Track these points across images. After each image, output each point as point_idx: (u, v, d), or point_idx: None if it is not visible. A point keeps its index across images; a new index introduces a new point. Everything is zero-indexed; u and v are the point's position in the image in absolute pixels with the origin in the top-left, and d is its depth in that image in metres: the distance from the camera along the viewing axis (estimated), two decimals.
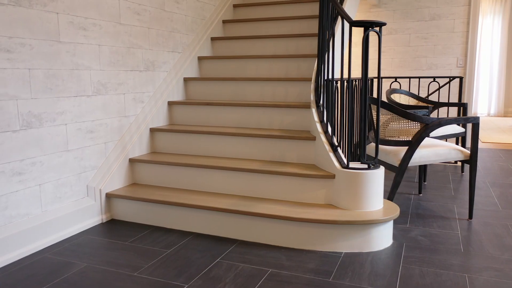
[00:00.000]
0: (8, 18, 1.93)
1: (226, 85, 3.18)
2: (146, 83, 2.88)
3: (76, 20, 2.29)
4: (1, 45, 1.90)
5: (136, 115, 2.80)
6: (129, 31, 2.68)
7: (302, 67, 3.16)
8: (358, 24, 2.10)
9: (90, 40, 2.39)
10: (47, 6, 2.11)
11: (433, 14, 4.99)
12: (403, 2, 5.09)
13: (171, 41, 3.12)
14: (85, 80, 2.37)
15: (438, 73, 5.04)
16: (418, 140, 2.42)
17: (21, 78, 2.00)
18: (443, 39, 5.00)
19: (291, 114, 2.78)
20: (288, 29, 3.59)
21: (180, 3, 3.20)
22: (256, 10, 3.87)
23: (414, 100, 4.06)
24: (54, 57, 2.17)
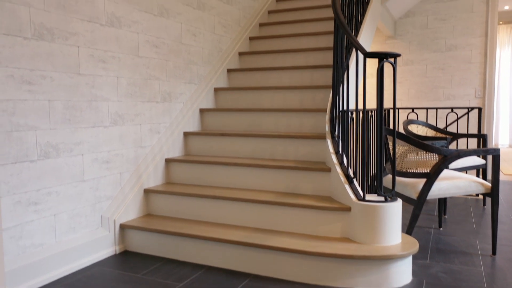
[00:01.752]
0: (31, 52, 1.99)
1: (242, 116, 3.20)
2: (163, 114, 2.91)
3: (96, 53, 2.35)
4: (23, 78, 1.96)
5: (152, 145, 2.82)
6: (147, 64, 2.75)
7: (317, 98, 3.16)
8: (372, 56, 2.10)
9: (109, 72, 2.45)
10: (69, 40, 2.19)
11: (450, 45, 4.99)
12: (418, 33, 5.12)
13: (187, 73, 3.17)
14: (103, 111, 2.41)
15: (456, 103, 4.99)
16: (436, 172, 2.36)
17: (41, 109, 2.05)
18: (460, 70, 4.97)
19: (306, 145, 2.76)
20: (303, 61, 3.62)
21: (197, 36, 3.27)
22: (271, 42, 3.93)
23: (432, 131, 4.01)
24: (74, 89, 2.22)
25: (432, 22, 5.04)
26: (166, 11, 2.91)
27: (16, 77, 1.93)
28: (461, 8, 4.90)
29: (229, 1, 3.70)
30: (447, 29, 4.99)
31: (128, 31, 2.57)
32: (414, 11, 5.11)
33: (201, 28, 3.31)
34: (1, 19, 1.86)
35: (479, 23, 4.85)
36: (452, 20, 4.96)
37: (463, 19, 4.91)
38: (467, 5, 4.88)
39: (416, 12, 5.11)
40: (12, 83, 1.91)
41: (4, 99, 1.89)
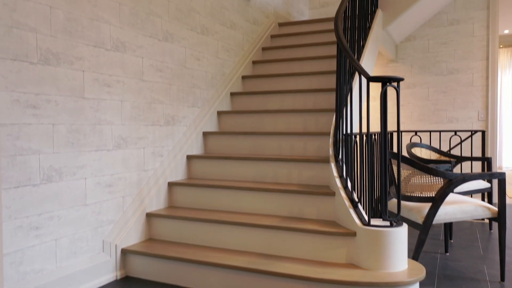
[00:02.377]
0: (37, 76, 2.01)
1: (245, 139, 3.20)
2: (166, 137, 2.92)
3: (101, 77, 2.37)
4: (28, 102, 1.97)
5: (155, 169, 2.81)
6: (151, 87, 2.76)
7: (320, 121, 3.17)
8: (375, 80, 2.11)
9: (113, 96, 2.46)
10: (74, 64, 2.21)
11: (451, 69, 5.02)
12: (420, 57, 5.16)
13: (191, 97, 3.19)
14: (107, 135, 2.41)
15: (459, 126, 4.99)
16: (442, 196, 2.34)
17: (45, 133, 2.05)
18: (462, 93, 4.98)
19: (310, 169, 2.75)
20: (306, 84, 3.65)
21: (201, 60, 3.30)
22: (274, 66, 3.96)
23: (436, 154, 3.99)
24: (78, 113, 2.23)
25: (433, 46, 5.09)
26: (170, 36, 2.95)
27: (21, 101, 1.94)
28: (462, 33, 4.96)
29: (232, 26, 3.75)
30: (448, 53, 5.03)
31: (132, 55, 2.60)
32: (415, 35, 5.17)
33: (204, 53, 3.35)
34: (9, 45, 1.89)
35: (480, 47, 4.90)
36: (453, 44, 5.01)
37: (464, 43, 4.96)
38: (468, 30, 4.93)
39: (417, 36, 5.17)
40: (17, 107, 1.92)
41: (9, 123, 1.89)
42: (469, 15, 4.92)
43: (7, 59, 1.88)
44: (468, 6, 4.92)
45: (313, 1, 5.61)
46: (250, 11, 4.09)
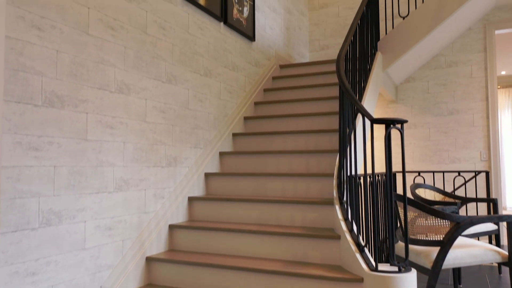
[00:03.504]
0: (41, 119, 2.01)
1: (247, 180, 3.17)
2: (168, 178, 2.89)
3: (104, 119, 2.38)
4: (30, 144, 1.96)
5: (156, 211, 2.76)
6: (154, 129, 2.77)
7: (323, 162, 3.15)
8: (379, 122, 2.10)
9: (116, 138, 2.46)
10: (78, 107, 2.22)
11: (451, 109, 5.06)
12: (420, 97, 5.21)
13: (193, 138, 3.19)
14: (108, 177, 2.39)
15: (461, 167, 4.96)
16: (450, 240, 2.28)
17: (46, 176, 2.03)
18: (463, 133, 4.99)
19: (314, 211, 2.70)
20: (307, 125, 3.66)
21: (203, 102, 3.33)
22: (276, 107, 3.99)
23: (440, 195, 3.94)
24: (80, 155, 2.22)
25: (433, 87, 5.16)
26: (174, 78, 2.98)
27: (23, 143, 1.93)
28: (461, 74, 5.04)
29: (235, 68, 3.81)
30: (447, 93, 5.09)
31: (136, 97, 2.62)
32: (414, 77, 5.25)
33: (207, 94, 3.38)
34: (14, 88, 1.90)
35: (479, 88, 4.96)
36: (452, 85, 5.07)
37: (463, 84, 5.03)
38: (466, 71, 5.01)
39: (416, 78, 5.24)
40: (19, 149, 1.91)
41: (10, 166, 1.87)
42: (466, 57, 5.02)
43: (11, 101, 1.89)
44: (465, 48, 5.03)
45: (313, 44, 5.75)
46: (252, 53, 4.17)
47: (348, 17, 5.55)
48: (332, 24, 5.65)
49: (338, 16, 5.61)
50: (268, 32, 4.53)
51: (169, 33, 2.95)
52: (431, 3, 4.11)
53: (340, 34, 5.60)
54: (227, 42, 3.71)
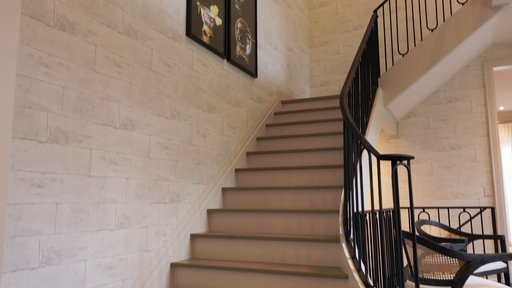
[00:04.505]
0: (44, 155, 1.99)
1: (250, 217, 3.12)
2: (170, 215, 2.84)
3: (108, 155, 2.36)
4: (33, 181, 1.93)
5: (158, 249, 2.70)
6: (157, 165, 2.74)
7: (327, 198, 3.11)
8: (386, 158, 2.09)
9: (119, 174, 2.43)
10: (83, 142, 2.20)
11: (453, 144, 5.07)
12: (421, 133, 5.23)
13: (196, 173, 3.16)
14: (110, 214, 2.34)
15: (465, 202, 4.91)
16: (461, 280, 2.21)
17: (47, 213, 1.99)
18: (466, 168, 4.98)
19: (319, 249, 2.64)
20: (310, 161, 3.64)
21: (206, 137, 3.33)
22: (278, 143, 3.99)
23: (446, 232, 3.87)
24: (83, 191, 2.18)
25: (433, 123, 5.19)
26: (178, 114, 2.99)
27: (26, 180, 1.91)
28: (460, 110, 5.08)
29: (237, 104, 3.84)
30: (448, 129, 5.11)
31: (140, 133, 2.62)
32: (415, 112, 5.29)
33: (210, 130, 3.38)
34: (19, 124, 1.89)
35: (479, 123, 4.99)
36: (452, 121, 5.10)
37: (463, 120, 5.06)
38: (466, 107, 5.06)
39: (416, 113, 5.28)
40: (22, 186, 1.88)
41: (12, 203, 1.84)
42: (466, 93, 5.08)
43: (16, 138, 1.88)
44: (464, 85, 5.09)
45: (313, 80, 5.83)
46: (255, 89, 4.21)
47: (347, 54, 5.66)
48: (332, 61, 5.74)
49: (338, 53, 5.72)
50: (270, 69, 4.60)
51: (173, 69, 2.99)
52: (429, 42, 4.20)
53: (340, 71, 5.69)
54: (230, 79, 3.75)
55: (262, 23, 4.48)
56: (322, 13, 5.87)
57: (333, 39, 5.77)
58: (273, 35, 4.72)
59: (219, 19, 3.59)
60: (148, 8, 2.78)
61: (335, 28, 5.77)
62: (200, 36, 3.29)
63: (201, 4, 3.33)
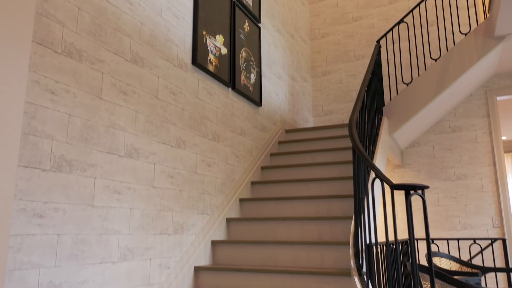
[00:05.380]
0: (47, 184, 1.93)
1: (256, 248, 3.02)
2: (174, 247, 2.74)
3: (112, 184, 2.29)
4: (35, 211, 1.86)
5: (161, 282, 2.58)
6: (161, 194, 2.67)
7: (335, 229, 3.01)
8: (400, 188, 2.02)
9: (123, 204, 2.35)
10: (87, 171, 2.14)
11: (459, 174, 5.00)
12: (426, 162, 5.17)
13: (201, 203, 3.08)
14: (113, 245, 2.25)
15: (474, 233, 4.80)
16: None
17: (48, 245, 1.90)
18: (473, 199, 4.89)
19: (330, 283, 2.53)
20: (317, 190, 3.56)
21: (211, 166, 3.26)
22: (283, 172, 3.92)
23: (457, 264, 3.75)
24: (85, 222, 2.10)
25: (438, 152, 5.14)
26: (183, 143, 2.94)
27: (28, 210, 1.83)
28: (465, 139, 5.04)
29: (242, 133, 3.80)
30: (454, 158, 5.06)
31: (145, 162, 2.56)
32: (419, 141, 5.26)
33: (215, 159, 3.33)
34: (23, 152, 1.84)
35: (485, 152, 4.94)
36: (458, 150, 5.06)
37: (468, 149, 5.01)
38: (471, 136, 5.02)
39: (421, 143, 5.24)
40: (23, 217, 1.81)
41: (12, 235, 1.75)
42: (470, 123, 5.06)
43: (19, 166, 1.82)
44: (468, 114, 5.08)
45: (316, 109, 5.82)
46: (259, 118, 4.18)
47: (350, 83, 5.68)
48: (334, 90, 5.76)
49: (341, 83, 5.74)
50: (274, 98, 4.59)
51: (179, 98, 2.96)
52: (433, 71, 4.21)
53: (343, 100, 5.69)
54: (234, 107, 3.73)
55: (266, 53, 4.51)
56: (324, 44, 5.93)
57: (335, 69, 5.80)
58: (277, 64, 4.75)
59: (224, 48, 3.60)
60: (155, 36, 2.78)
61: (338, 58, 5.81)
62: (206, 65, 3.29)
63: (207, 33, 3.35)
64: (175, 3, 3.03)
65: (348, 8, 5.87)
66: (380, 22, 5.65)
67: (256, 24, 4.26)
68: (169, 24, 2.94)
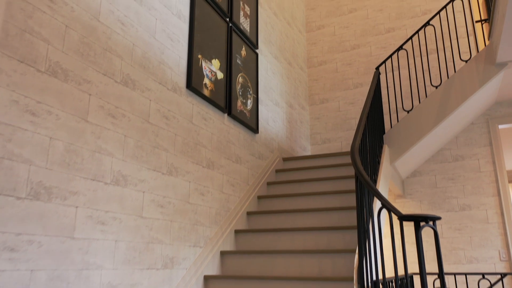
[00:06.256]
0: (22, 213, 1.75)
1: (253, 284, 2.80)
2: (163, 283, 2.52)
3: (96, 214, 2.11)
4: (6, 244, 1.67)
5: None
6: (150, 225, 2.48)
7: (338, 263, 2.81)
8: (409, 219, 1.85)
9: (107, 236, 2.16)
10: (67, 199, 1.96)
11: (463, 205, 4.83)
12: (428, 192, 5.01)
13: (193, 235, 2.88)
14: (94, 282, 2.04)
15: (480, 267, 4.57)
16: None
17: (19, 282, 1.70)
18: (478, 230, 4.70)
19: None
20: (316, 221, 3.38)
21: (205, 195, 3.08)
22: (280, 202, 3.74)
23: None
24: (63, 256, 1.91)
25: (441, 182, 4.98)
26: (175, 170, 2.78)
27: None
28: (468, 168, 4.90)
29: (238, 160, 3.64)
30: (457, 188, 4.90)
31: (133, 190, 2.38)
32: (421, 170, 5.11)
33: (209, 187, 3.15)
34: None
35: (489, 182, 4.79)
36: (460, 180, 4.90)
37: (472, 179, 4.86)
38: (474, 166, 4.88)
39: (422, 172, 5.09)
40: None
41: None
42: (472, 152, 4.93)
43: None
44: (470, 143, 4.96)
45: (314, 137, 5.69)
46: (256, 145, 4.03)
47: (349, 111, 5.57)
48: (332, 119, 5.65)
49: (339, 111, 5.63)
50: (271, 125, 4.46)
51: (172, 122, 2.82)
52: (434, 98, 4.11)
53: (341, 128, 5.57)
54: (230, 134, 3.58)
55: (264, 79, 4.41)
56: (322, 71, 5.87)
57: (333, 97, 5.71)
58: (274, 91, 4.64)
59: (220, 73, 3.49)
60: (148, 58, 2.66)
61: (336, 86, 5.74)
62: (201, 89, 3.16)
63: (202, 57, 3.24)
64: (170, 25, 2.94)
65: (346, 36, 5.85)
66: (378, 50, 5.61)
67: (253, 50, 4.18)
68: (163, 47, 2.83)
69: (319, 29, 6.05)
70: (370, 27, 5.72)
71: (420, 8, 5.49)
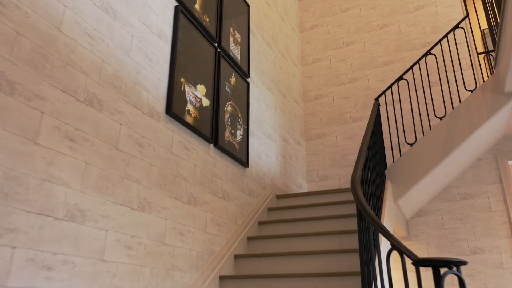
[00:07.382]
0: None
1: None
2: None
3: (40, 256, 1.71)
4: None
5: None
6: (113, 271, 2.07)
7: None
8: (427, 264, 1.47)
9: (54, 284, 1.75)
10: (2, 238, 1.58)
11: (474, 248, 4.40)
12: (435, 234, 4.59)
13: (168, 282, 2.46)
14: None
15: None
16: None
17: None
18: (493, 277, 4.24)
19: None
20: (313, 266, 2.95)
21: (184, 236, 2.68)
22: (273, 243, 3.33)
23: None
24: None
25: (448, 222, 4.57)
26: (148, 205, 2.40)
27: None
28: (478, 208, 4.51)
29: (225, 196, 3.26)
30: (466, 229, 4.49)
31: (93, 227, 1.99)
32: (426, 210, 4.71)
33: (190, 226, 2.76)
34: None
35: (501, 223, 4.39)
36: (470, 220, 4.50)
37: (482, 219, 4.46)
38: (484, 205, 4.50)
39: (428, 211, 4.70)
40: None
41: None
42: (481, 189, 4.56)
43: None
44: (478, 180, 4.60)
45: (311, 174, 5.33)
46: (246, 181, 3.66)
47: (347, 146, 5.25)
48: (330, 154, 5.32)
49: (337, 146, 5.31)
50: (264, 159, 4.11)
51: (147, 151, 2.47)
52: (439, 130, 3.80)
53: (339, 164, 5.22)
54: (217, 166, 3.22)
55: (255, 110, 4.11)
56: (318, 105, 5.61)
57: (330, 132, 5.41)
58: (267, 123, 4.33)
59: (206, 99, 3.19)
60: (120, 78, 2.35)
61: (333, 121, 5.45)
62: (183, 116, 2.84)
63: (185, 81, 2.95)
64: (149, 44, 2.66)
65: (342, 69, 5.63)
66: (376, 83, 5.37)
67: (244, 79, 3.91)
68: (140, 66, 2.54)
69: (314, 62, 5.85)
70: (368, 60, 5.52)
71: (419, 40, 5.31)
